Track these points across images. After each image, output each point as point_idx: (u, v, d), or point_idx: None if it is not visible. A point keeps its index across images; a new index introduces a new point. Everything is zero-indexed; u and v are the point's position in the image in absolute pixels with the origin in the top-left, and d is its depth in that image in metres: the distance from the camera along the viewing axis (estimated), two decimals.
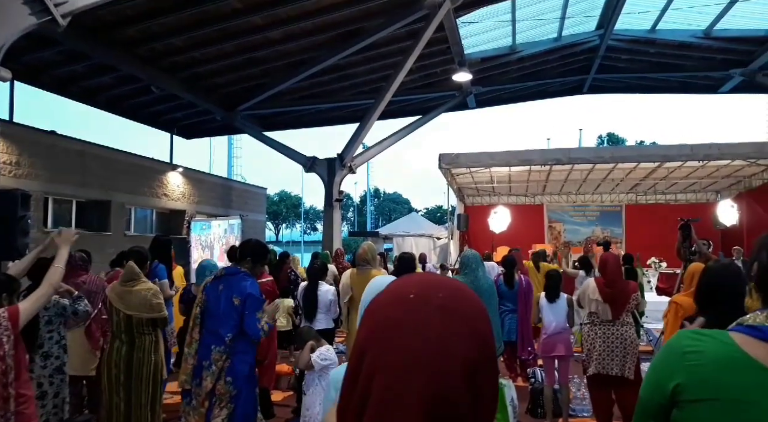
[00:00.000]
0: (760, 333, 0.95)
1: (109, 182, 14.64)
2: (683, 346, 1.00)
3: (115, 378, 3.99)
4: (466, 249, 5.76)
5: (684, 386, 0.96)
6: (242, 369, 3.57)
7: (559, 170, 14.49)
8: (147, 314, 4.03)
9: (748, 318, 1.00)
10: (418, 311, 0.70)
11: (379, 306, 0.74)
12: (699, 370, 0.95)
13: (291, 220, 68.55)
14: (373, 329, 0.72)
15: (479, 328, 0.71)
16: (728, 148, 12.22)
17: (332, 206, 13.74)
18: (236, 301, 3.59)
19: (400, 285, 0.75)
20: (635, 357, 4.62)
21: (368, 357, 0.70)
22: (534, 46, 13.96)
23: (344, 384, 0.73)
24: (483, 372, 0.70)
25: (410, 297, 0.71)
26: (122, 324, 4.02)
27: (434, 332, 0.68)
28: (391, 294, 0.74)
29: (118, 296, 4.06)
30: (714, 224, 13.77)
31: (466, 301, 0.73)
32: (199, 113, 15.53)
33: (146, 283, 4.16)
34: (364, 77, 14.08)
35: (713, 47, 13.81)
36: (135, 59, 11.16)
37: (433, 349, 0.67)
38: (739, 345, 0.95)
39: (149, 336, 4.08)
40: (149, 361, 4.04)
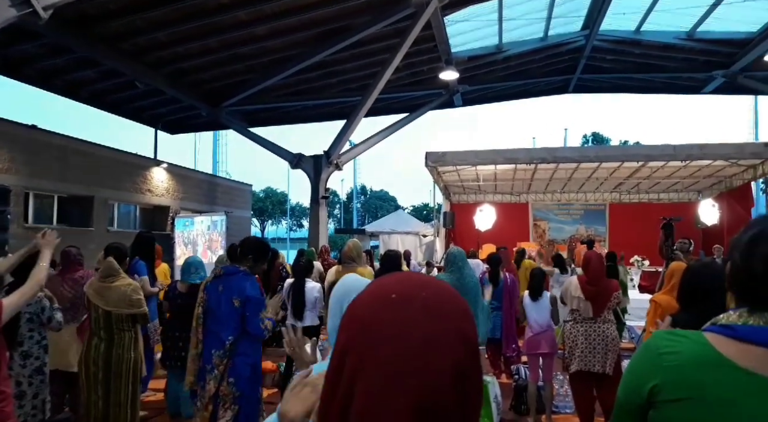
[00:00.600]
0: (734, 331, 0.96)
1: (92, 177, 14.45)
2: (659, 347, 1.01)
3: (93, 376, 3.92)
4: (452, 246, 5.77)
5: (661, 386, 0.97)
6: (244, 371, 3.54)
7: (544, 169, 14.59)
8: (126, 310, 3.97)
9: (721, 318, 1.01)
10: (403, 311, 0.68)
11: (362, 306, 0.72)
12: (675, 371, 0.97)
13: (277, 217, 68.26)
14: (356, 330, 0.70)
15: (464, 328, 0.71)
16: (710, 148, 12.41)
17: (318, 203, 13.71)
18: (236, 303, 3.55)
19: (382, 284, 0.73)
20: (616, 354, 4.68)
21: (351, 359, 0.68)
22: (520, 46, 14.04)
23: (325, 386, 0.71)
24: (469, 372, 0.69)
25: (393, 297, 0.69)
26: (101, 320, 3.95)
27: (420, 333, 0.66)
28: (373, 293, 0.72)
29: (96, 292, 3.99)
30: (696, 223, 13.97)
31: (450, 301, 0.72)
32: (183, 108, 15.39)
33: (125, 279, 4.10)
34: (351, 74, 14.05)
35: (696, 49, 14.00)
36: (119, 54, 11.02)
37: (421, 351, 0.65)
38: (713, 344, 0.96)
39: (128, 332, 4.02)
40: (128, 358, 3.98)
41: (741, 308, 1.00)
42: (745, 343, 0.94)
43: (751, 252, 0.99)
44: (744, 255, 1.01)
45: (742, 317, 0.98)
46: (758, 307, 0.97)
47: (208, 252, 11.77)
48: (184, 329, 4.81)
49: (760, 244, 0.99)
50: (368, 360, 0.66)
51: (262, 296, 3.73)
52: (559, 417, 5.30)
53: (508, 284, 6.53)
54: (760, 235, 1.00)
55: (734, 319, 0.98)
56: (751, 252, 0.99)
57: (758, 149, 12.49)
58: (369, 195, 71.86)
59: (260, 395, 3.74)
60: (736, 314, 0.99)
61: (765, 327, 0.94)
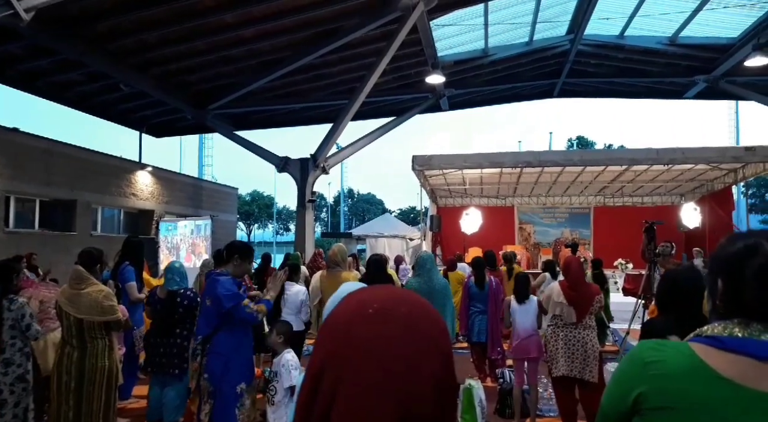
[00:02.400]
0: (720, 343, 0.98)
1: (75, 181, 14.28)
2: (645, 357, 1.03)
3: (65, 386, 3.80)
4: (422, 251, 5.82)
5: (646, 395, 0.98)
6: (216, 368, 3.65)
7: (529, 172, 14.70)
8: (99, 317, 3.85)
9: (706, 330, 1.03)
10: (382, 327, 0.66)
11: (339, 322, 0.70)
12: (661, 380, 0.98)
13: (263, 221, 67.91)
14: (334, 347, 0.68)
15: (442, 343, 0.71)
16: (692, 152, 12.57)
17: (305, 207, 13.67)
18: (208, 302, 3.70)
19: (360, 299, 0.72)
20: (596, 360, 4.72)
21: (329, 377, 0.66)
22: (506, 50, 14.13)
23: (299, 405, 0.70)
24: (446, 385, 0.69)
25: (370, 312, 0.68)
26: (73, 328, 3.83)
27: (401, 350, 0.65)
28: (350, 308, 0.71)
29: (67, 299, 3.87)
30: (678, 226, 14.15)
31: (428, 316, 0.71)
32: (169, 111, 15.28)
33: (97, 285, 3.99)
34: (338, 77, 14.04)
35: (678, 54, 14.20)
36: (104, 55, 10.91)
37: (402, 367, 0.64)
38: (699, 355, 0.98)
39: (102, 340, 3.91)
40: (102, 367, 3.87)
41: (725, 320, 1.01)
42: (731, 354, 0.96)
43: (740, 266, 1.01)
44: (732, 269, 1.03)
45: (728, 328, 0.99)
46: (744, 319, 0.99)
47: (191, 257, 11.70)
48: (164, 335, 4.85)
49: (749, 258, 1.00)
50: (348, 378, 0.65)
51: (235, 290, 3.77)
52: (543, 420, 5.33)
53: (493, 288, 6.56)
54: (747, 250, 1.02)
55: (719, 331, 1.00)
56: (740, 266, 1.01)
57: (739, 153, 12.68)
58: (356, 198, 71.79)
59: (238, 391, 3.74)
60: (721, 326, 1.01)
61: (751, 339, 0.96)
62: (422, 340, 0.68)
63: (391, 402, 0.64)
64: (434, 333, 0.70)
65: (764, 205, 51.00)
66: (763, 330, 0.96)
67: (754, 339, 0.96)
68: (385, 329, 0.68)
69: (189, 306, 4.86)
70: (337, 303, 0.73)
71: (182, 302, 4.84)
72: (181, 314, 4.84)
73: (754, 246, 1.01)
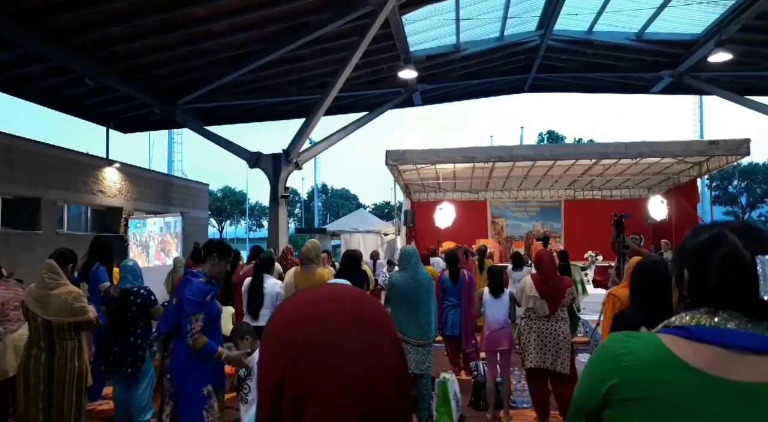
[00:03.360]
0: (687, 332, 0.99)
1: (39, 178, 13.87)
2: (615, 349, 1.04)
3: (34, 388, 3.72)
4: (405, 245, 5.84)
5: (618, 386, 0.99)
6: (178, 369, 3.59)
7: (501, 167, 14.86)
8: (69, 318, 3.79)
9: (674, 320, 1.04)
10: (334, 327, 0.66)
11: (289, 328, 0.69)
12: (631, 371, 0.99)
13: (236, 217, 67.11)
14: (291, 353, 0.67)
15: (392, 331, 0.71)
16: (658, 146, 12.88)
17: (278, 202, 13.55)
18: (174, 300, 3.68)
19: (304, 302, 0.70)
20: (568, 351, 4.82)
21: (291, 383, 0.65)
22: (477, 45, 14.21)
23: (259, 415, 0.68)
24: (404, 371, 0.70)
25: (320, 313, 0.67)
26: (41, 330, 3.76)
27: (359, 346, 0.65)
28: (297, 312, 0.70)
29: (35, 300, 3.79)
30: (645, 219, 14.48)
31: (373, 308, 0.71)
32: (137, 106, 14.93)
33: (67, 286, 3.92)
34: (310, 72, 13.92)
35: (645, 49, 14.48)
36: (68, 49, 10.59)
37: (365, 364, 0.64)
38: (667, 345, 0.99)
39: (71, 341, 3.85)
40: (72, 368, 3.81)
41: (692, 310, 1.03)
42: (698, 343, 0.98)
43: (705, 256, 1.03)
44: (698, 259, 1.04)
45: (695, 318, 1.01)
46: (710, 309, 1.00)
47: (161, 255, 11.48)
48: (117, 333, 4.81)
49: (714, 248, 1.02)
50: (315, 381, 0.64)
51: (201, 298, 3.66)
52: (516, 412, 5.40)
53: (466, 281, 6.62)
54: (712, 240, 1.04)
55: (687, 321, 1.02)
56: (705, 256, 1.03)
57: (703, 147, 13.04)
58: (330, 193, 71.50)
59: (205, 392, 3.62)
60: (689, 316, 1.02)
61: (717, 328, 0.98)
62: (375, 332, 0.68)
63: (356, 400, 0.64)
64: (384, 323, 0.70)
65: (727, 197, 52.59)
66: (729, 318, 0.98)
67: (720, 328, 0.97)
68: (338, 328, 0.67)
69: (143, 304, 4.82)
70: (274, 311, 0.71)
71: (135, 300, 4.80)
72: (134, 312, 4.79)
73: (719, 236, 1.03)
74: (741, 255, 0.98)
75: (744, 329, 0.96)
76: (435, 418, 5.01)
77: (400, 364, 0.68)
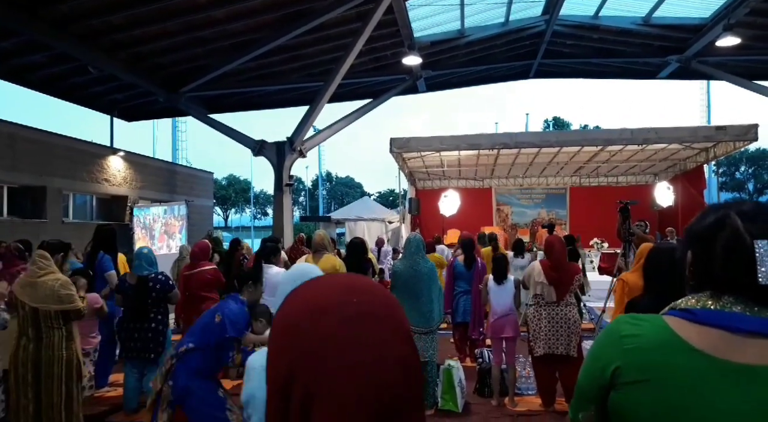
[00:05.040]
0: (692, 315, 0.99)
1: (44, 167, 13.89)
2: (621, 331, 1.03)
3: (23, 379, 3.68)
4: (410, 234, 5.85)
5: (622, 368, 0.99)
6: (182, 380, 3.33)
7: (506, 154, 14.78)
8: (55, 306, 3.73)
9: (680, 303, 1.04)
10: (344, 319, 0.64)
11: (298, 321, 0.67)
12: (636, 353, 0.99)
13: (240, 205, 67.30)
14: (299, 347, 0.65)
15: (404, 322, 0.69)
16: (665, 132, 12.78)
17: (282, 191, 13.54)
18: (217, 319, 3.48)
19: (313, 294, 0.69)
20: (578, 336, 4.82)
21: (300, 378, 0.64)
22: (482, 31, 14.07)
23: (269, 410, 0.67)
24: (415, 364, 0.68)
25: (329, 305, 0.65)
26: (29, 318, 3.71)
27: (370, 339, 0.63)
28: (306, 305, 0.68)
29: (22, 288, 3.75)
30: (651, 205, 14.41)
31: (384, 299, 0.69)
32: (140, 95, 14.90)
33: (54, 274, 3.87)
34: (313, 59, 13.84)
35: (652, 34, 14.31)
36: (70, 37, 10.54)
37: (375, 357, 0.63)
38: (672, 328, 0.99)
39: (59, 330, 3.78)
40: (60, 357, 3.74)
41: (698, 293, 1.02)
42: (703, 326, 0.97)
43: (710, 239, 1.02)
44: (703, 242, 1.03)
45: (701, 301, 1.00)
46: (716, 292, 1.00)
47: (165, 237, 11.48)
48: (138, 320, 4.91)
49: (718, 231, 1.01)
50: (321, 379, 0.63)
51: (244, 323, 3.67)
52: (521, 398, 5.41)
53: (479, 268, 6.59)
54: (717, 223, 1.02)
55: (693, 304, 1.01)
56: (710, 239, 1.02)
57: (710, 132, 12.93)
58: (334, 181, 71.52)
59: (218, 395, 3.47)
60: (695, 299, 1.02)
61: (722, 311, 0.97)
62: (385, 326, 0.66)
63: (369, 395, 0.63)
64: (396, 316, 0.68)
65: (735, 183, 52.32)
66: (734, 302, 0.97)
67: (725, 312, 0.97)
68: (350, 323, 0.65)
69: (161, 290, 4.95)
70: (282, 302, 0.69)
71: (154, 286, 4.92)
72: (154, 298, 4.91)
73: (722, 219, 1.02)
74: (742, 239, 0.97)
75: (751, 313, 0.95)
76: (440, 405, 5.03)
77: (412, 356, 0.67)
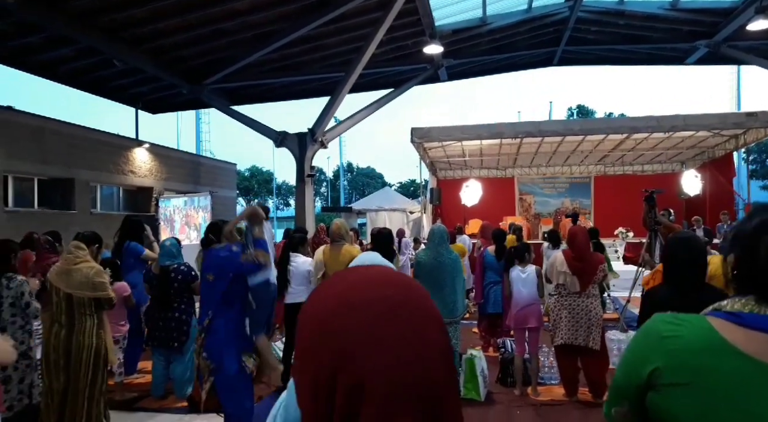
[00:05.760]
0: (739, 319, 0.96)
1: (72, 159, 14.20)
2: (661, 331, 1.01)
3: (54, 364, 3.77)
4: (434, 224, 5.83)
5: (662, 370, 0.97)
6: (216, 345, 3.56)
7: (529, 143, 14.62)
8: (90, 293, 3.81)
9: (725, 304, 1.01)
10: (381, 313, 0.64)
11: (333, 318, 0.67)
12: (678, 355, 0.97)
13: (263, 196, 67.84)
14: (339, 345, 0.64)
15: (437, 314, 0.69)
16: (693, 119, 12.49)
17: (304, 181, 13.61)
18: (210, 277, 3.60)
19: (344, 288, 0.69)
20: (600, 327, 4.77)
21: (343, 376, 0.63)
22: (504, 18, 13.88)
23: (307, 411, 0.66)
24: (451, 355, 0.69)
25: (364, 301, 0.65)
26: (62, 304, 3.79)
27: (412, 333, 0.63)
28: (339, 301, 0.68)
29: (57, 275, 3.83)
30: (678, 194, 14.14)
31: (417, 291, 0.69)
32: (164, 87, 15.09)
33: (89, 262, 3.95)
34: (334, 49, 13.82)
35: (680, 19, 13.95)
36: (95, 31, 10.71)
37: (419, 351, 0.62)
38: (717, 330, 0.96)
39: (91, 317, 3.85)
40: (89, 345, 3.81)
41: (745, 296, 0.99)
42: (750, 330, 0.94)
43: (755, 241, 0.99)
44: (748, 245, 1.00)
45: (748, 305, 0.97)
46: (762, 296, 0.97)
47: (186, 228, 11.63)
48: (162, 309, 5.06)
49: (763, 234, 0.98)
50: (366, 376, 0.62)
51: None
52: (544, 388, 5.39)
53: None
54: (762, 225, 0.99)
55: (739, 307, 0.98)
56: (755, 241, 0.99)
57: (740, 119, 12.60)
58: (355, 172, 71.58)
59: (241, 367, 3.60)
60: (741, 302, 0.99)
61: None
62: (419, 314, 0.67)
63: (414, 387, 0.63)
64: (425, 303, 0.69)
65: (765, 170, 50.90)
66: None
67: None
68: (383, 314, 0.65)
69: (183, 280, 5.06)
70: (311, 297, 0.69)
71: (176, 277, 5.04)
72: (176, 289, 5.03)
73: (766, 222, 0.99)
74: None
75: None
76: (462, 394, 5.04)
77: (447, 347, 0.67)
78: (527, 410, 4.86)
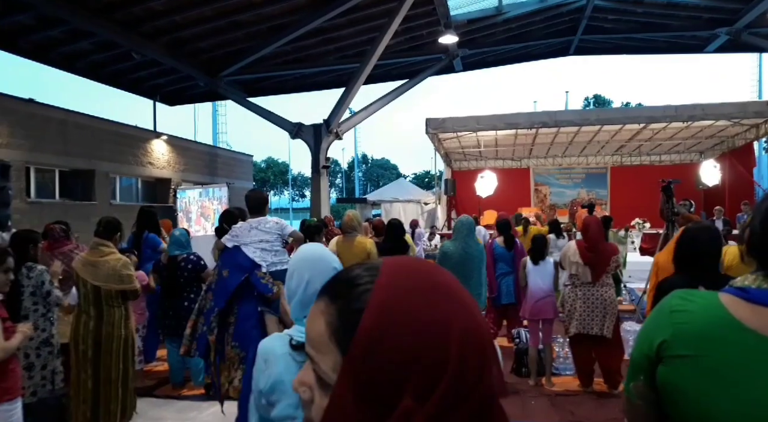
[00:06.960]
0: (747, 294, 0.98)
1: (92, 151, 14.42)
2: (671, 306, 1.04)
3: (83, 354, 3.83)
4: (461, 215, 5.81)
5: (669, 342, 1.00)
6: (246, 333, 3.67)
7: (545, 133, 14.51)
8: (117, 285, 3.87)
9: (738, 281, 1.03)
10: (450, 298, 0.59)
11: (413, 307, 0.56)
12: (683, 328, 1.00)
13: (279, 187, 68.22)
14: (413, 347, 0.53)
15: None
16: (712, 108, 12.30)
17: (319, 173, 13.69)
18: (225, 273, 3.69)
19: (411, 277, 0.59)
20: (614, 317, 4.77)
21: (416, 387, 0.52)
22: (520, 7, 13.75)
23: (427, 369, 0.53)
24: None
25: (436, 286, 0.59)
26: (90, 296, 3.85)
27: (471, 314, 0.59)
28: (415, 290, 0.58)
29: (84, 266, 3.88)
30: (697, 184, 13.95)
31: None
32: (182, 79, 15.23)
33: (116, 254, 4.01)
34: (349, 40, 13.82)
35: (700, 6, 13.70)
36: (113, 24, 10.85)
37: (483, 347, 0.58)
38: (724, 304, 0.99)
39: (118, 309, 3.93)
40: (119, 336, 3.88)
41: (758, 272, 1.01)
42: (756, 305, 0.96)
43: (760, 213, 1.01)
44: (762, 220, 1.02)
45: (758, 280, 0.99)
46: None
47: (201, 220, 11.76)
48: (172, 298, 5.14)
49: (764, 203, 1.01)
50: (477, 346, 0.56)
51: None
52: (559, 379, 5.41)
53: (519, 249, 6.55)
54: None
55: (749, 282, 1.00)
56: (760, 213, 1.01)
57: (761, 108, 12.39)
58: (370, 163, 71.64)
59: None
60: (752, 277, 1.01)
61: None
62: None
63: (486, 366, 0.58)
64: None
65: None
66: None
67: None
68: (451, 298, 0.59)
69: (192, 270, 5.12)
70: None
71: (186, 266, 5.11)
72: (186, 278, 5.10)
73: None
74: None
75: None
76: None
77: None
78: (542, 400, 4.89)
